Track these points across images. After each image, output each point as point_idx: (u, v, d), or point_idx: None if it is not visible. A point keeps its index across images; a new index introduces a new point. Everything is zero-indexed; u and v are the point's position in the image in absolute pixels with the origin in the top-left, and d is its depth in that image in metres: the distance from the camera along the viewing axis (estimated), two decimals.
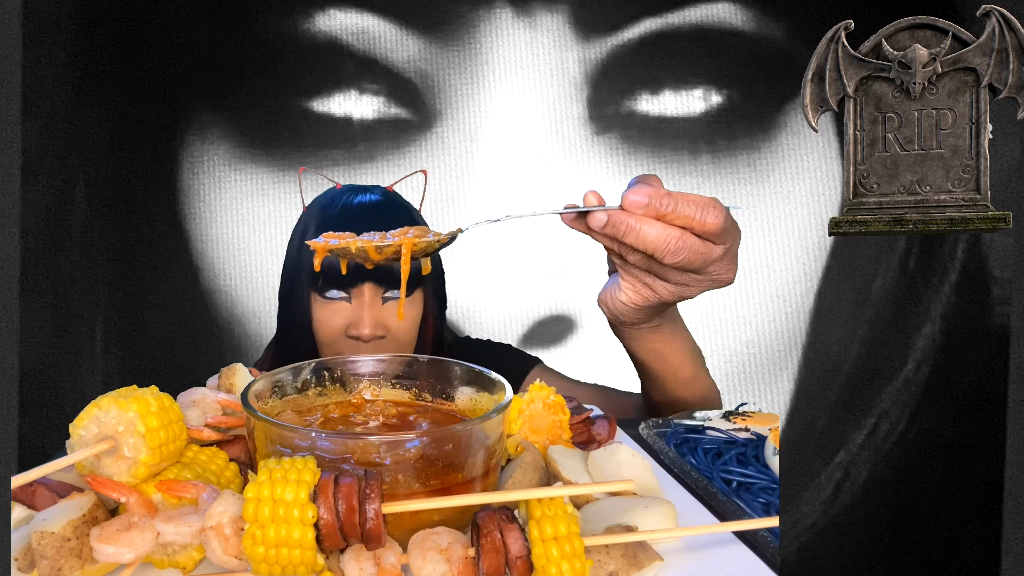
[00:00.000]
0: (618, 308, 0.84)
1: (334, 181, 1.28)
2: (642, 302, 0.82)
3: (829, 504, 1.85)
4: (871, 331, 1.94)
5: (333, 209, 1.18)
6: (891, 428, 1.87)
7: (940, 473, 1.78)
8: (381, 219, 1.17)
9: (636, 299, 0.82)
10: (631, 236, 0.73)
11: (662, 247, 0.73)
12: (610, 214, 0.73)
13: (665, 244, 0.73)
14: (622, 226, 0.73)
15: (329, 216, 1.17)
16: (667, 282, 0.79)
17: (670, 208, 0.72)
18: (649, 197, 0.71)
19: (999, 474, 1.39)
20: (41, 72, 1.88)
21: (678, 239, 0.73)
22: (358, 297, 1.14)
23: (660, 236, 0.72)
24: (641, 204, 0.72)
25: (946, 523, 1.75)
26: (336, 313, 1.15)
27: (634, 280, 0.81)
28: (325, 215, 1.18)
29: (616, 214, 0.73)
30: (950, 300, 1.88)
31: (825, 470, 1.86)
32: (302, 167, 1.44)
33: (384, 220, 1.16)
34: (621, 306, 0.83)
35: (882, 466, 1.85)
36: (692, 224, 0.73)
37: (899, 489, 1.84)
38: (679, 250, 0.73)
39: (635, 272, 0.80)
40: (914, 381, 1.88)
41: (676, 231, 0.73)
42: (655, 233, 0.72)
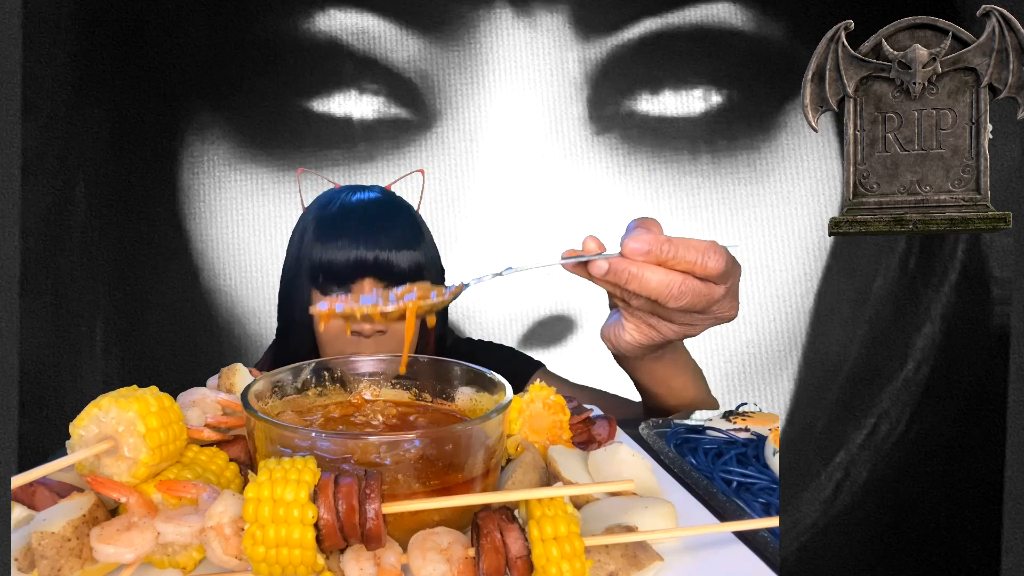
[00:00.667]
0: (623, 346, 0.84)
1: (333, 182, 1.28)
2: (647, 341, 0.82)
3: (829, 504, 1.85)
4: (871, 331, 1.94)
5: (332, 207, 1.18)
6: (891, 428, 1.87)
7: (940, 473, 1.78)
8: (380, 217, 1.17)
9: (641, 339, 0.82)
10: (634, 283, 0.73)
11: (665, 293, 0.73)
12: (611, 262, 0.73)
13: (668, 290, 0.73)
14: (624, 274, 0.73)
15: (327, 214, 1.17)
16: (671, 323, 0.79)
17: (671, 254, 0.72)
18: (649, 244, 0.71)
19: (999, 474, 1.39)
20: (41, 72, 1.88)
21: (681, 284, 0.73)
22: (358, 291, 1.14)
23: (663, 282, 0.72)
24: (642, 252, 0.72)
25: (946, 523, 1.75)
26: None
27: (638, 322, 0.81)
28: (323, 213, 1.18)
29: (617, 262, 0.73)
30: (950, 300, 1.88)
31: (825, 470, 1.86)
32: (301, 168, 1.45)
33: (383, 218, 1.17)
34: (626, 344, 0.84)
35: (882, 466, 1.85)
36: (693, 269, 0.73)
37: (899, 489, 1.84)
38: (682, 295, 0.73)
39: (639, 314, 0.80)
40: (914, 381, 1.88)
41: (678, 276, 0.73)
42: (657, 279, 0.72)
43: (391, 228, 1.15)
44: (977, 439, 1.69)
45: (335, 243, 1.12)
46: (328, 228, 1.15)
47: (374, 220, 1.16)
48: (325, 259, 1.12)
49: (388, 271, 1.12)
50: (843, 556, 1.83)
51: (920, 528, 1.78)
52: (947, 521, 1.75)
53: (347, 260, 1.11)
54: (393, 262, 1.12)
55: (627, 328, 0.82)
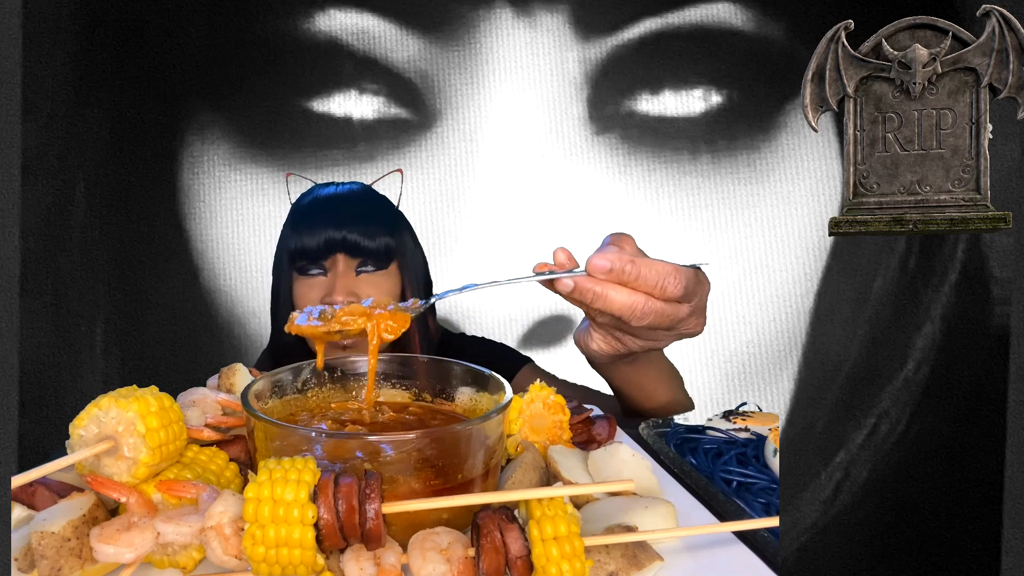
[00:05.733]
0: (591, 353, 0.87)
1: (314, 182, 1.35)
2: (613, 352, 0.84)
3: (829, 504, 1.85)
4: (871, 331, 1.94)
5: (306, 199, 1.25)
6: (891, 428, 1.87)
7: (940, 473, 1.78)
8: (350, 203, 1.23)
9: (607, 349, 0.84)
10: (599, 303, 0.74)
11: (627, 312, 0.74)
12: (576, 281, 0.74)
13: (631, 310, 0.74)
14: (588, 293, 0.74)
15: (301, 205, 1.25)
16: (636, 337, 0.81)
17: (633, 275, 0.73)
18: (612, 263, 0.73)
19: (999, 474, 1.39)
20: (41, 72, 1.88)
21: (644, 305, 0.74)
22: (332, 268, 1.19)
23: (626, 303, 0.74)
24: (604, 269, 0.73)
25: (946, 523, 1.75)
26: (313, 287, 1.20)
27: (604, 334, 0.83)
28: (298, 205, 1.25)
29: (582, 281, 0.74)
30: (950, 300, 1.88)
31: (825, 470, 1.86)
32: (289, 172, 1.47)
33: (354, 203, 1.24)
34: (594, 353, 0.86)
35: (882, 466, 1.85)
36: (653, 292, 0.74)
37: (899, 489, 1.84)
38: (645, 315, 0.75)
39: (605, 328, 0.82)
40: (914, 381, 1.88)
41: (641, 297, 0.74)
42: (620, 300, 0.74)
43: (361, 211, 1.22)
44: (977, 439, 1.69)
45: (308, 226, 1.19)
46: (303, 215, 1.22)
47: (344, 203, 1.23)
48: (300, 242, 1.18)
49: (357, 248, 1.17)
50: (843, 556, 1.83)
51: (920, 528, 1.78)
52: (947, 521, 1.75)
53: (318, 240, 1.17)
54: (362, 241, 1.17)
55: (595, 338, 0.84)
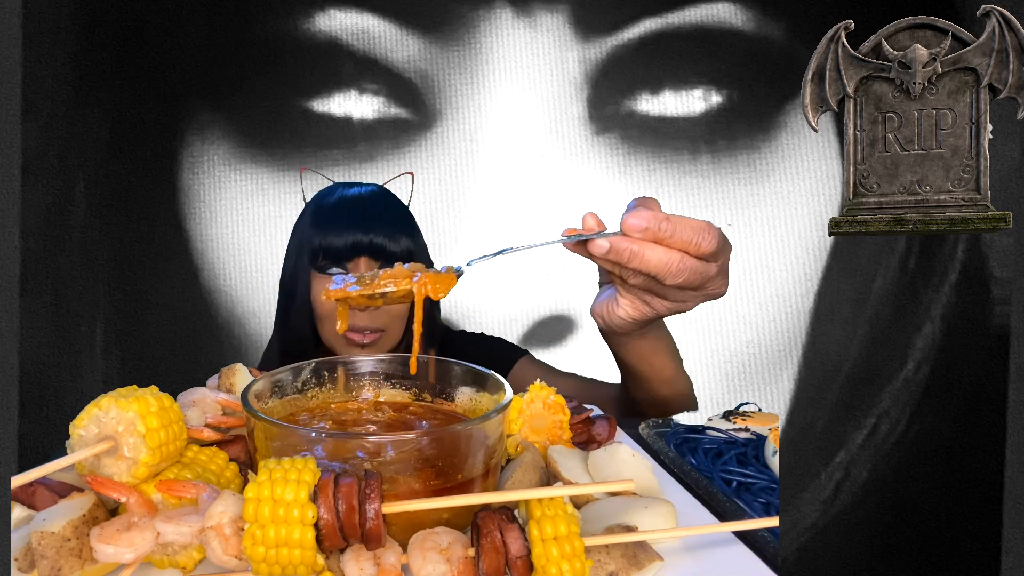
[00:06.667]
0: (615, 322, 0.86)
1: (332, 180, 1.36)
2: (640, 317, 0.84)
3: (829, 504, 1.85)
4: (871, 331, 1.94)
5: (330, 198, 1.27)
6: (891, 428, 1.87)
7: (940, 473, 1.78)
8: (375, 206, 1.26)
9: (635, 315, 0.84)
10: (635, 261, 0.74)
11: (664, 270, 0.74)
12: (611, 241, 0.74)
13: (667, 267, 0.74)
14: (625, 252, 0.74)
15: (326, 204, 1.26)
16: (665, 300, 0.81)
17: (668, 232, 0.73)
18: (648, 221, 0.73)
19: (999, 474, 1.39)
20: (41, 72, 1.88)
21: (679, 262, 0.74)
22: (354, 269, 1.21)
23: (662, 260, 0.74)
24: (640, 228, 0.73)
25: (946, 523, 1.75)
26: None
27: (633, 298, 0.83)
28: (322, 203, 1.27)
29: (617, 240, 0.74)
30: (950, 300, 1.88)
31: (825, 470, 1.86)
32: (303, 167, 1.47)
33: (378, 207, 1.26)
34: (619, 320, 0.85)
35: (882, 466, 1.85)
36: (688, 248, 0.74)
37: (899, 489, 1.83)
38: (680, 272, 0.75)
39: (635, 291, 0.81)
40: (914, 381, 1.88)
41: (677, 254, 0.74)
42: (657, 257, 0.74)
43: (385, 215, 1.25)
44: (977, 439, 1.69)
45: (334, 227, 1.20)
46: (328, 215, 1.24)
47: (369, 207, 1.25)
48: (325, 242, 1.20)
49: (382, 251, 1.20)
50: (843, 556, 1.82)
51: (920, 528, 1.78)
52: (947, 521, 1.75)
53: (345, 242, 1.19)
54: (387, 244, 1.20)
55: (622, 304, 0.84)
